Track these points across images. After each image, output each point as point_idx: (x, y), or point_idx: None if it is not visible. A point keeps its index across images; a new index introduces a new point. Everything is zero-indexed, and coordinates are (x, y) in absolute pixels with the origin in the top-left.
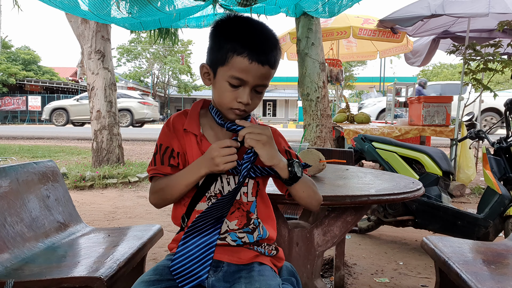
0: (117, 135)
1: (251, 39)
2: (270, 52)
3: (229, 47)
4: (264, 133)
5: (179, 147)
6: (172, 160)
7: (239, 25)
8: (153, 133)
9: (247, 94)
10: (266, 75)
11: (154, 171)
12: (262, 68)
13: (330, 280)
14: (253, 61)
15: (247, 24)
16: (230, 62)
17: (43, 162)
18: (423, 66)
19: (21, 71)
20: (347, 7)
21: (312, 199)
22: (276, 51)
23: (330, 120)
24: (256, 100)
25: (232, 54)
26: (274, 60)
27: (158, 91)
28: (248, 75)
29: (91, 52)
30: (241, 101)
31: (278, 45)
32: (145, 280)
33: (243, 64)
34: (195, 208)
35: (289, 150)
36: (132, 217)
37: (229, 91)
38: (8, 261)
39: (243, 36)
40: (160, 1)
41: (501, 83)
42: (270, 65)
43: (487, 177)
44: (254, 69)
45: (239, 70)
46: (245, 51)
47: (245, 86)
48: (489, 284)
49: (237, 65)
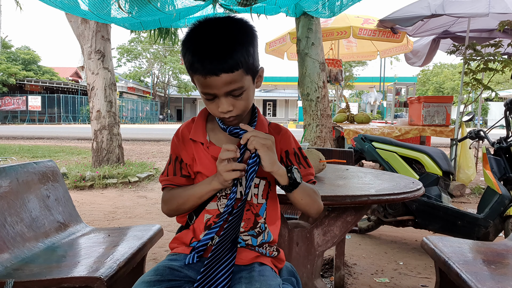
0: (117, 135)
1: (199, 53)
2: (220, 60)
3: (188, 66)
4: (268, 137)
5: (187, 158)
6: (184, 171)
7: (189, 39)
8: (153, 133)
9: (224, 103)
10: (230, 81)
11: (167, 182)
12: (219, 78)
13: (330, 280)
14: (207, 76)
15: (200, 34)
16: (194, 80)
17: (43, 162)
18: (423, 66)
19: (21, 71)
20: (347, 7)
21: (310, 207)
22: (231, 53)
23: (330, 120)
24: (241, 102)
25: (192, 73)
26: (230, 65)
27: (158, 91)
28: (212, 89)
29: (91, 52)
30: (222, 111)
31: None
32: (146, 280)
33: (201, 81)
34: (205, 207)
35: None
36: (132, 217)
37: (208, 103)
38: (8, 261)
39: (193, 52)
40: (160, 1)
41: (501, 83)
42: (226, 71)
43: (487, 177)
44: (212, 82)
45: (202, 86)
46: (197, 69)
47: (217, 97)
48: (489, 284)
49: (198, 83)
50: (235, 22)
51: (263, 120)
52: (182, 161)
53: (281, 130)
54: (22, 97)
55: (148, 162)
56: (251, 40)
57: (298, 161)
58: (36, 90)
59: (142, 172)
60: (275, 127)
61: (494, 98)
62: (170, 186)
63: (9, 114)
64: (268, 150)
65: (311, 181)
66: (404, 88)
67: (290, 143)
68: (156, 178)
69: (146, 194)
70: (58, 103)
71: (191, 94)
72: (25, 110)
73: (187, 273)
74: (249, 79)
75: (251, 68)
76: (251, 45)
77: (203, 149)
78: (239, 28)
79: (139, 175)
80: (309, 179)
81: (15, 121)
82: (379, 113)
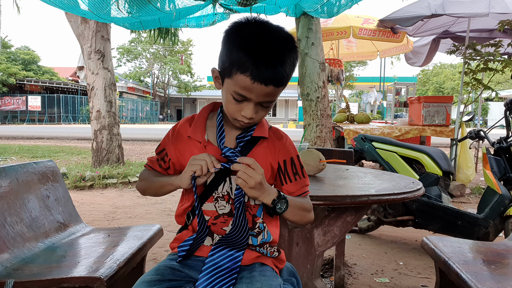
0: (117, 135)
1: (256, 56)
2: (275, 71)
3: (234, 62)
4: (254, 177)
5: (172, 154)
6: (163, 163)
7: (248, 36)
8: (152, 133)
9: (251, 109)
10: (271, 94)
11: (148, 163)
12: (265, 88)
13: (330, 280)
14: (256, 82)
15: (256, 37)
16: (234, 78)
17: (43, 162)
18: (424, 66)
19: (21, 71)
20: (346, 7)
21: (298, 222)
22: (285, 67)
23: (330, 120)
24: (262, 113)
25: (235, 70)
26: (281, 79)
27: (158, 91)
28: (251, 94)
29: (91, 52)
30: (245, 115)
31: (288, 60)
32: (147, 280)
33: (246, 83)
34: (201, 207)
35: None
36: (132, 217)
37: (233, 103)
38: (8, 261)
39: (248, 52)
40: (160, 1)
41: (501, 83)
42: (275, 84)
43: (487, 177)
44: (257, 89)
45: (242, 88)
46: (248, 71)
47: (249, 101)
48: (489, 284)
49: (239, 83)
50: (288, 35)
51: (264, 123)
52: (166, 154)
53: (282, 137)
54: (22, 97)
55: None
56: (297, 58)
57: (294, 171)
58: (36, 90)
59: None
60: (275, 132)
61: (494, 98)
62: (148, 167)
63: (9, 114)
64: (250, 189)
65: (305, 193)
66: (404, 88)
67: (290, 152)
68: None
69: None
70: (58, 103)
71: (191, 94)
72: (25, 110)
73: (188, 273)
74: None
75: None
76: (296, 62)
77: (200, 148)
78: (292, 45)
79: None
80: (303, 191)
81: (15, 121)
82: (379, 113)
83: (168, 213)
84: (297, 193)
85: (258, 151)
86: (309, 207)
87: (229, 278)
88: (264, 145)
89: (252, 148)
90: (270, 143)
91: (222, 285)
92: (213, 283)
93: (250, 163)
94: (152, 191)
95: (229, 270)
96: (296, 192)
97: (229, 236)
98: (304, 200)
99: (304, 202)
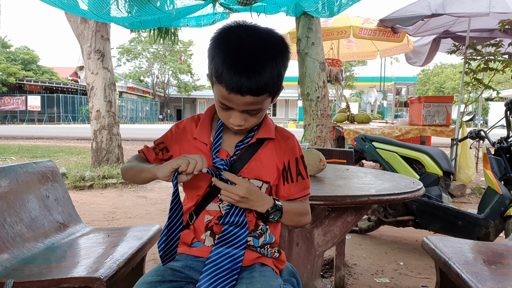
0: (117, 135)
1: (230, 66)
2: (249, 81)
3: (213, 72)
4: (236, 193)
5: (176, 152)
6: (161, 154)
7: (226, 46)
8: (152, 133)
9: (238, 117)
10: (252, 103)
11: (144, 149)
12: (243, 98)
13: (330, 280)
14: (231, 92)
15: (234, 45)
16: (215, 87)
17: (43, 162)
18: (424, 66)
19: (20, 71)
20: (347, 7)
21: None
22: (261, 76)
23: (330, 120)
24: (253, 119)
25: (215, 79)
26: (257, 88)
27: (158, 91)
28: (231, 103)
29: (91, 51)
30: (233, 123)
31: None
32: (147, 281)
33: (223, 93)
34: (205, 207)
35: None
36: (132, 217)
37: (221, 111)
38: (7, 261)
39: (223, 62)
40: (160, 0)
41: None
42: (252, 93)
43: (488, 177)
44: (234, 99)
45: (222, 98)
46: (223, 82)
47: (234, 110)
48: (490, 284)
49: (219, 93)
50: (276, 39)
51: (269, 124)
52: (167, 150)
53: (288, 138)
54: (22, 97)
55: None
56: (285, 63)
57: (297, 172)
58: (36, 90)
59: None
60: (281, 133)
61: (495, 98)
62: (142, 154)
63: (8, 114)
64: (238, 203)
65: (305, 196)
66: (405, 88)
67: (295, 152)
68: None
69: (146, 194)
70: (57, 103)
71: (191, 94)
72: (25, 110)
73: (188, 274)
74: (269, 101)
75: (275, 91)
76: (283, 68)
77: (205, 150)
78: (278, 48)
79: None
80: (303, 194)
81: (14, 121)
82: (380, 113)
83: None
84: (297, 195)
85: (264, 152)
86: (306, 211)
87: (230, 278)
88: (270, 146)
89: (258, 149)
90: (276, 144)
91: (224, 286)
92: (214, 284)
93: (230, 179)
94: (131, 173)
95: (230, 271)
96: (296, 194)
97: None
98: (301, 206)
99: (301, 208)
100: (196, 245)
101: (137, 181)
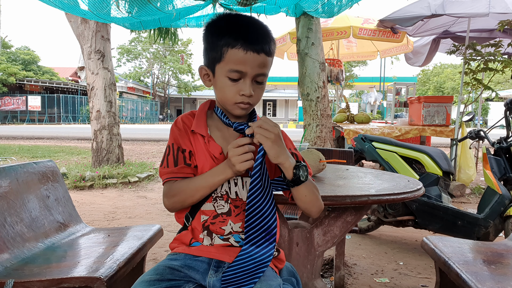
0: (117, 135)
1: (242, 31)
2: (263, 40)
3: (223, 43)
4: (272, 130)
5: (190, 147)
6: (187, 159)
7: (229, 21)
8: (152, 133)
9: (248, 85)
10: (263, 63)
11: (169, 175)
12: (258, 57)
13: (330, 280)
14: (248, 51)
15: (237, 19)
16: (226, 57)
17: (43, 162)
18: (424, 66)
19: (20, 71)
20: (347, 7)
21: (313, 205)
22: (270, 39)
23: (330, 120)
24: (259, 91)
25: (227, 48)
26: (269, 48)
27: (158, 91)
28: (246, 66)
29: (91, 52)
30: (244, 93)
31: (270, 35)
32: (146, 280)
33: (239, 56)
34: (200, 208)
35: (295, 152)
36: (132, 217)
37: (230, 85)
38: (8, 261)
39: (235, 30)
40: (160, 1)
41: (501, 83)
42: (266, 52)
43: (487, 177)
44: (250, 59)
45: (236, 62)
46: (239, 43)
47: (245, 78)
48: (489, 284)
49: (233, 58)
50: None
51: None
52: (184, 150)
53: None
54: (22, 97)
55: (148, 162)
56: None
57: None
58: (36, 90)
59: (142, 172)
60: None
61: (495, 98)
62: (173, 179)
63: (9, 114)
64: (272, 144)
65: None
66: (404, 88)
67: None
68: (156, 178)
69: (146, 194)
70: (58, 103)
71: (191, 94)
72: (25, 110)
73: (187, 273)
74: (270, 68)
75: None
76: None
77: (203, 143)
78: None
79: (139, 175)
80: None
81: (14, 121)
82: (379, 113)
83: (168, 213)
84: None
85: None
86: (319, 191)
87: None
88: None
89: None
90: None
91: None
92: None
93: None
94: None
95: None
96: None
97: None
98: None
99: (315, 185)
100: (194, 245)
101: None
